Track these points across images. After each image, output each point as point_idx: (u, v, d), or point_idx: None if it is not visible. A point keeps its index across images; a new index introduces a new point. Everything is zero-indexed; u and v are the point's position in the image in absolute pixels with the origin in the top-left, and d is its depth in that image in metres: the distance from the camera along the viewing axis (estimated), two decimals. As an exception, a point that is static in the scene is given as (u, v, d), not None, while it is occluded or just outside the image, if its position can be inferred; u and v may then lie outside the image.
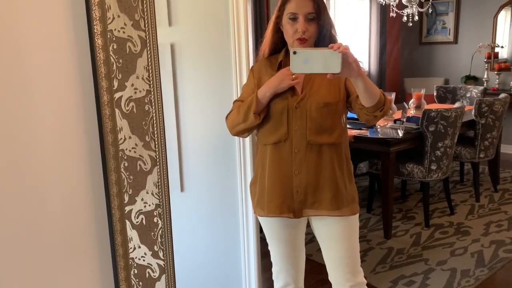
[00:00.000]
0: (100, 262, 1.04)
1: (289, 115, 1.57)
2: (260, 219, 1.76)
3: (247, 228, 2.15)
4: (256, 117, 1.56)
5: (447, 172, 3.48)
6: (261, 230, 3.30)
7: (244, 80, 1.96)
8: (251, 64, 2.07)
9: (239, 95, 1.99)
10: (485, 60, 5.28)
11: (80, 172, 1.00)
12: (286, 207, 1.63)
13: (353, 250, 1.75)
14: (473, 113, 3.75)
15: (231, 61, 1.98)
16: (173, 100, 2.02)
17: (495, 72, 5.20)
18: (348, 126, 3.76)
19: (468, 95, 4.52)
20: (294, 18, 1.53)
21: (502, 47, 5.30)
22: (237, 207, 2.13)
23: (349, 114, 1.73)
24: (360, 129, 3.42)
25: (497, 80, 5.22)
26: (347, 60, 1.27)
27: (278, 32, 1.63)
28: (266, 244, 1.84)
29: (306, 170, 1.59)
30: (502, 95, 3.89)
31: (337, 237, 1.71)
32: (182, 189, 2.14)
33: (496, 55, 5.31)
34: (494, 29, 5.30)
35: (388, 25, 5.57)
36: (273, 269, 1.83)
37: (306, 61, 1.24)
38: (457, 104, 3.54)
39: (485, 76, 5.28)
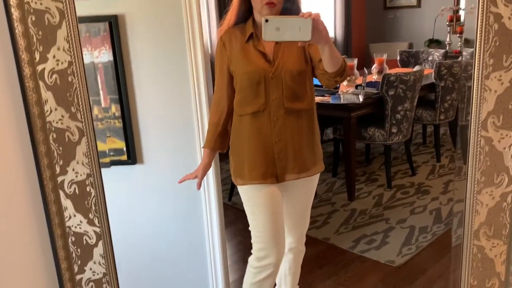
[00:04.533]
0: (38, 231, 1.08)
1: (266, 85, 1.62)
2: (242, 188, 1.76)
3: (208, 195, 2.18)
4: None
5: (407, 135, 3.58)
6: (229, 198, 3.36)
7: (198, 48, 1.96)
8: (204, 33, 2.08)
9: (196, 64, 2.00)
10: (447, 23, 5.35)
11: (10, 146, 1.01)
12: (269, 174, 1.69)
13: (309, 209, 1.89)
14: (432, 76, 3.83)
15: (184, 29, 1.99)
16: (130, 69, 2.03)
17: (457, 35, 5.28)
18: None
19: (430, 58, 4.60)
20: None
21: (464, 9, 5.36)
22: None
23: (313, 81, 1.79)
24: (323, 95, 3.47)
25: (459, 43, 5.30)
26: (318, 27, 1.31)
27: (246, 0, 1.65)
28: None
29: (285, 137, 1.66)
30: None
31: (308, 193, 1.83)
32: (141, 161, 2.17)
33: (458, 18, 5.38)
34: (456, -8, 5.35)
35: (352, -10, 5.56)
36: (255, 248, 1.76)
37: (277, 29, 1.26)
38: (416, 68, 3.61)
39: (448, 39, 5.37)
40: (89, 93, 1.01)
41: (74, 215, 1.07)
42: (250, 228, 1.79)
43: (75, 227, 1.07)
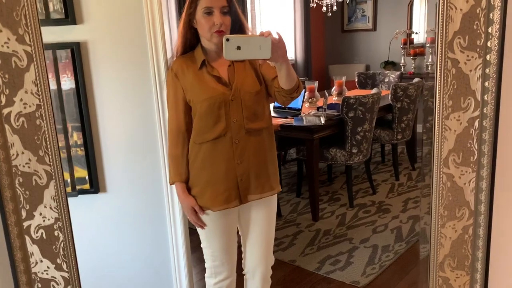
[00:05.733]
0: (2, 280, 1.03)
1: (226, 109, 1.61)
2: (202, 217, 1.75)
3: (174, 222, 2.16)
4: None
5: (367, 155, 3.69)
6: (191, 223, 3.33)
7: (162, 74, 1.95)
8: (169, 58, 2.07)
9: (160, 91, 1.99)
10: (401, 46, 5.60)
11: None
12: (233, 196, 1.68)
13: (273, 235, 1.89)
14: (389, 97, 3.99)
15: (148, 55, 1.98)
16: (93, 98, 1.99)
17: (411, 57, 5.54)
18: (274, 115, 3.87)
19: (386, 80, 4.79)
20: (209, 12, 1.55)
21: (416, 33, 5.64)
22: (163, 202, 2.13)
23: (276, 104, 1.81)
24: (286, 117, 3.53)
25: (413, 65, 5.56)
26: (278, 44, 1.33)
27: (191, 29, 1.64)
28: (198, 237, 1.85)
29: (247, 158, 1.66)
30: (416, 80, 4.17)
31: (271, 213, 1.83)
32: (105, 190, 2.12)
33: (411, 41, 5.65)
34: (409, 17, 5.63)
35: (311, 14, 5.72)
36: (210, 265, 1.82)
37: (238, 48, 1.27)
38: (374, 90, 3.74)
39: (402, 61, 5.62)
40: (57, 135, 0.99)
41: (41, 261, 1.03)
42: (202, 246, 1.81)
43: (42, 273, 1.03)
